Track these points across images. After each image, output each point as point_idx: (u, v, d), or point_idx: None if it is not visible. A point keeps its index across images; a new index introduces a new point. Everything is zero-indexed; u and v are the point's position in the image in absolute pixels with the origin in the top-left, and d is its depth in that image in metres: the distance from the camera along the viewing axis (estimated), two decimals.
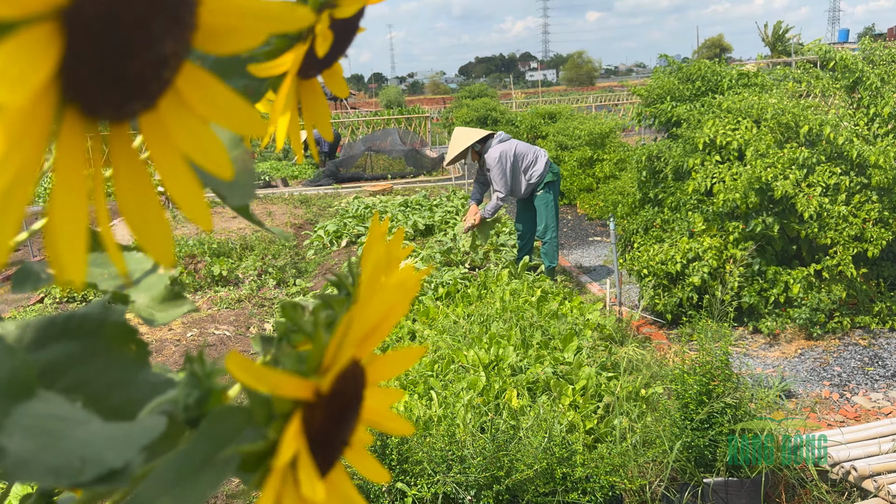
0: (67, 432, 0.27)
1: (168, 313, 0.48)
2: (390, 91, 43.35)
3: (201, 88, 0.29)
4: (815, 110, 5.16)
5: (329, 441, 0.33)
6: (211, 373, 0.34)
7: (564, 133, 10.37)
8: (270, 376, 0.30)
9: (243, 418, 0.31)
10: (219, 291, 6.20)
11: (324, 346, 0.31)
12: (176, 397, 0.33)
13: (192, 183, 0.30)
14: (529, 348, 3.75)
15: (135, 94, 0.27)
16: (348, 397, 0.33)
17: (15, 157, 0.23)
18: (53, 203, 0.25)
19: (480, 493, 2.60)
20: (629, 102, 20.46)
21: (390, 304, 0.34)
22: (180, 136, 0.29)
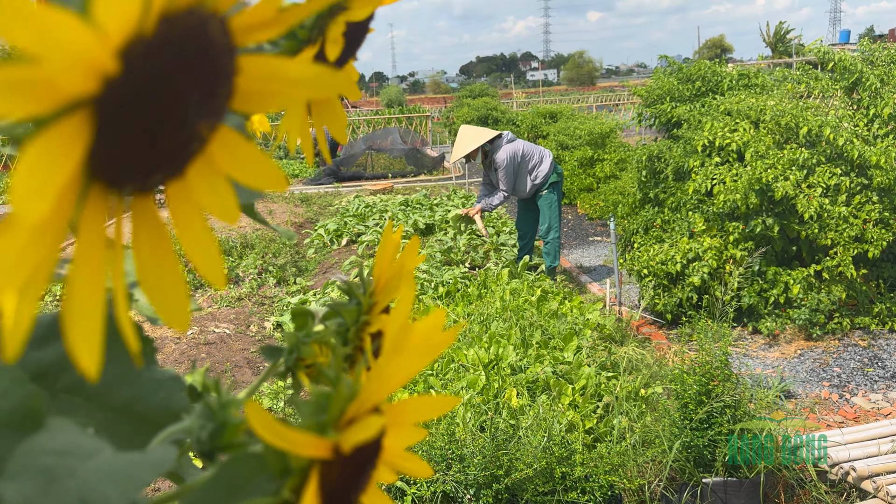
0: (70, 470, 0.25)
1: None
2: (391, 90, 43.35)
3: (230, 150, 0.29)
4: (815, 111, 5.16)
5: (344, 496, 0.32)
6: (226, 405, 0.33)
7: (565, 133, 10.37)
8: (290, 435, 0.29)
9: (257, 466, 0.30)
10: (219, 289, 6.20)
11: (344, 402, 0.30)
12: (190, 427, 0.33)
13: (210, 242, 0.29)
14: (529, 348, 3.75)
15: (163, 168, 0.26)
16: (367, 452, 0.32)
17: (32, 258, 0.23)
18: (72, 289, 0.24)
19: (480, 491, 2.60)
20: (630, 102, 20.46)
21: (415, 364, 0.32)
22: (202, 194, 0.29)
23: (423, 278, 5.42)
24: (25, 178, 0.21)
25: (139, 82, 0.23)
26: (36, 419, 0.27)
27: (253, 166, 0.30)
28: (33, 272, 0.23)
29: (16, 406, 0.27)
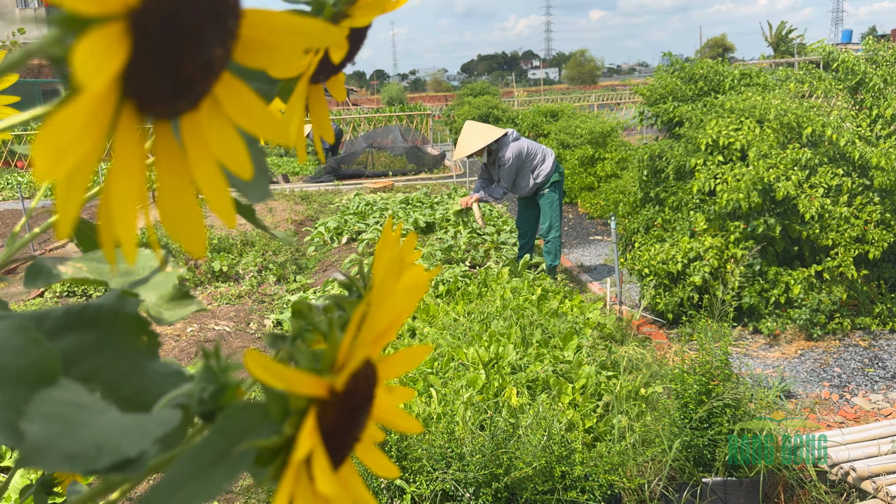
0: (84, 420, 0.28)
1: (176, 312, 0.48)
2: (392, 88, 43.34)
3: (236, 95, 0.32)
4: (817, 111, 5.15)
5: (341, 438, 0.34)
6: (226, 368, 0.34)
7: (566, 131, 10.37)
8: (287, 374, 0.30)
9: (258, 414, 0.32)
10: (219, 287, 6.20)
11: (338, 345, 0.32)
12: (191, 391, 0.34)
13: (222, 182, 0.32)
14: (529, 346, 3.75)
15: (183, 94, 0.29)
16: (361, 395, 0.34)
17: (83, 142, 0.26)
18: (111, 179, 0.28)
19: (479, 490, 2.60)
20: (631, 101, 20.45)
21: (402, 305, 0.35)
22: (213, 138, 0.31)
23: (431, 279, 5.41)
24: (85, 59, 0.25)
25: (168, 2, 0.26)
26: (51, 376, 0.29)
27: (255, 113, 0.32)
28: (82, 159, 0.26)
29: (33, 362, 0.28)
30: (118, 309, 0.41)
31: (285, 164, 15.04)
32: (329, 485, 0.31)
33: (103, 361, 0.39)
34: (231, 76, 0.31)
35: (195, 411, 0.34)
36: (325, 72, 0.43)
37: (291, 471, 0.31)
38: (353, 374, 0.33)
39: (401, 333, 4.35)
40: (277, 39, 0.31)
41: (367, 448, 0.38)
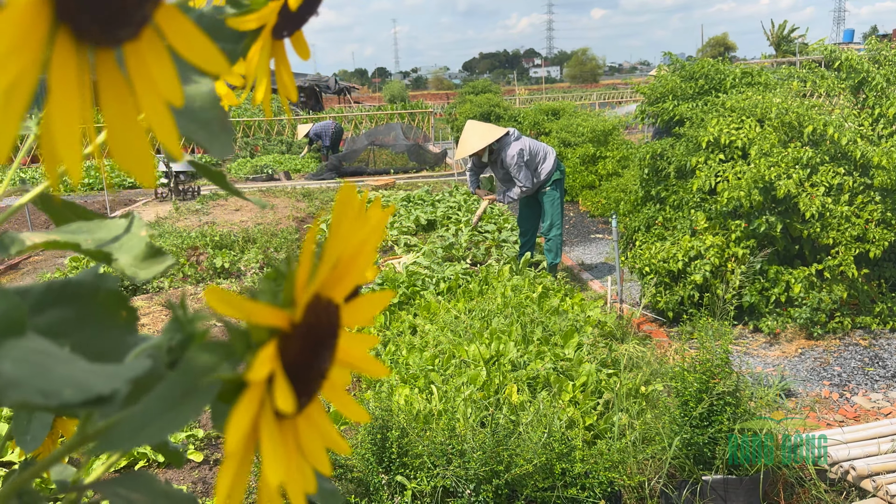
0: (55, 366, 0.29)
1: (150, 269, 0.50)
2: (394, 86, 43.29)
3: (177, 25, 0.32)
4: (819, 110, 5.15)
5: (305, 373, 0.35)
6: (193, 318, 0.36)
7: (568, 130, 10.36)
8: (246, 305, 0.32)
9: (223, 352, 0.33)
10: (221, 284, 6.21)
11: (294, 278, 0.33)
12: (159, 342, 0.35)
13: (167, 113, 0.32)
14: (530, 344, 3.75)
15: (120, 21, 0.29)
16: (323, 332, 0.35)
17: (16, 59, 0.26)
18: (50, 109, 0.28)
19: (480, 486, 2.61)
20: (632, 100, 20.43)
21: (359, 236, 0.36)
22: (156, 68, 0.32)
23: (424, 274, 5.43)
24: None
25: None
26: (19, 328, 0.29)
27: (199, 46, 0.32)
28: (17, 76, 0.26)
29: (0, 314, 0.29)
30: (98, 285, 0.42)
31: (287, 162, 15.03)
32: (288, 402, 0.32)
33: (85, 336, 0.40)
34: (170, 5, 0.32)
35: (164, 361, 0.35)
36: (287, 26, 0.44)
37: (251, 390, 0.32)
38: (313, 309, 0.34)
39: (402, 330, 4.35)
40: None
41: (336, 392, 0.39)
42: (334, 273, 0.36)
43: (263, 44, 0.42)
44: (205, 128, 0.41)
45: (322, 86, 27.15)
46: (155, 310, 5.52)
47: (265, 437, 0.33)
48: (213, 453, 3.49)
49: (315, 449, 0.36)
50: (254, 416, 0.32)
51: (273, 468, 0.32)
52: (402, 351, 3.90)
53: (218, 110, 0.41)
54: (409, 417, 2.94)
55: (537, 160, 5.69)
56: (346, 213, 0.35)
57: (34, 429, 0.60)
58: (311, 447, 0.36)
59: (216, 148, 0.41)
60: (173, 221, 8.63)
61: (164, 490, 0.41)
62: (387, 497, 2.70)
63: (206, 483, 3.26)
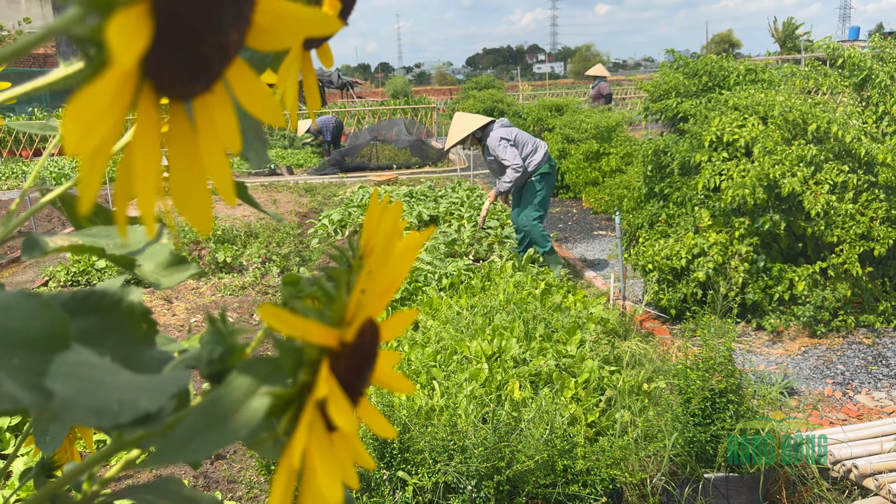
0: (101, 379, 0.29)
1: (173, 277, 0.50)
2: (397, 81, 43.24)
3: (244, 79, 0.33)
4: (823, 107, 5.14)
5: (348, 392, 0.35)
6: (233, 331, 0.36)
7: (571, 126, 10.34)
8: (302, 324, 0.32)
9: (270, 368, 0.33)
10: (223, 278, 6.21)
11: (346, 301, 0.34)
12: (199, 354, 0.36)
13: (226, 163, 0.33)
14: (532, 340, 3.75)
15: (199, 77, 0.30)
16: (366, 351, 0.36)
17: (109, 117, 0.27)
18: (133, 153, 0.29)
19: (481, 483, 2.60)
20: (636, 96, 20.39)
21: (401, 265, 0.37)
22: (220, 120, 0.33)
23: (426, 270, 5.42)
24: (117, 35, 0.26)
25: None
26: (64, 340, 0.29)
27: (260, 99, 0.34)
28: (107, 135, 0.27)
29: (46, 327, 0.29)
30: (121, 296, 0.43)
31: (290, 157, 15.03)
32: (348, 420, 0.33)
33: (106, 347, 0.41)
34: (240, 60, 0.33)
35: (204, 373, 0.36)
36: (316, 40, 0.46)
37: (308, 412, 0.32)
38: (360, 330, 0.35)
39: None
40: (283, 26, 0.33)
41: (367, 409, 0.39)
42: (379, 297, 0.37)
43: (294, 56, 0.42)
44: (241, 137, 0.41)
45: (325, 81, 27.12)
46: (157, 304, 5.52)
47: (317, 455, 0.33)
48: None
49: (346, 464, 0.37)
50: (307, 442, 0.33)
51: (328, 482, 0.33)
52: (403, 347, 3.90)
53: (253, 120, 0.42)
54: (411, 413, 2.94)
55: (526, 151, 5.66)
56: (394, 238, 0.36)
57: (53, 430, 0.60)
58: (343, 463, 0.37)
59: (253, 158, 0.42)
60: (175, 216, 8.62)
61: (191, 495, 0.42)
62: (388, 492, 2.70)
63: (208, 477, 3.27)
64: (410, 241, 0.38)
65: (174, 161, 0.32)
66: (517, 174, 5.58)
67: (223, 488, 3.19)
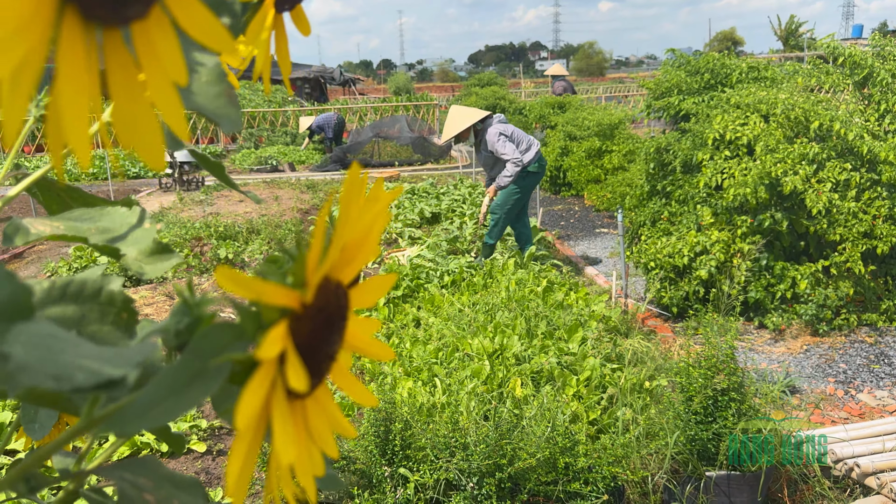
0: (64, 348, 0.28)
1: (157, 266, 0.49)
2: (399, 78, 43.19)
3: (184, 3, 0.31)
4: (826, 104, 5.12)
5: (315, 354, 0.35)
6: (200, 302, 0.36)
7: (573, 123, 10.32)
8: (258, 285, 0.31)
9: (232, 333, 0.32)
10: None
11: (305, 259, 0.33)
12: (167, 325, 0.35)
13: (174, 94, 0.32)
14: (534, 338, 3.75)
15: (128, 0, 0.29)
16: (332, 314, 0.35)
17: (24, 39, 0.26)
18: (58, 89, 0.28)
19: (483, 480, 2.60)
20: (639, 94, 20.36)
21: (366, 219, 0.36)
22: (163, 48, 0.31)
23: (428, 267, 5.42)
24: None
25: None
26: (26, 311, 0.29)
27: (206, 24, 0.32)
28: (24, 57, 0.26)
29: (8, 297, 0.29)
30: (101, 285, 0.43)
31: (291, 153, 15.02)
32: (301, 381, 0.31)
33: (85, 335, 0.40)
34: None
35: (171, 345, 0.35)
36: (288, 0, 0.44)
37: (262, 369, 0.31)
38: (324, 291, 0.34)
39: (405, 323, 4.35)
40: None
41: (343, 375, 0.38)
42: (343, 256, 0.36)
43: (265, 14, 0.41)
44: (212, 102, 0.40)
45: (327, 77, 27.10)
46: (159, 300, 5.53)
47: (276, 416, 0.32)
48: (217, 444, 3.50)
49: (323, 432, 0.36)
50: (265, 394, 0.32)
51: (285, 448, 0.32)
52: (405, 343, 3.90)
53: (225, 85, 0.41)
54: (413, 410, 2.94)
55: (522, 147, 5.63)
56: (355, 194, 0.35)
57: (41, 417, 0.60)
58: (319, 430, 0.36)
59: (225, 122, 0.41)
60: (177, 212, 8.63)
61: (168, 474, 0.42)
62: (389, 489, 2.70)
63: (210, 473, 3.27)
64: (377, 192, 0.36)
65: (116, 93, 0.30)
66: (517, 168, 5.52)
67: (224, 484, 3.20)
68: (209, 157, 0.54)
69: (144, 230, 0.50)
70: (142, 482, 0.38)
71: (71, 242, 0.49)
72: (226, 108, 0.41)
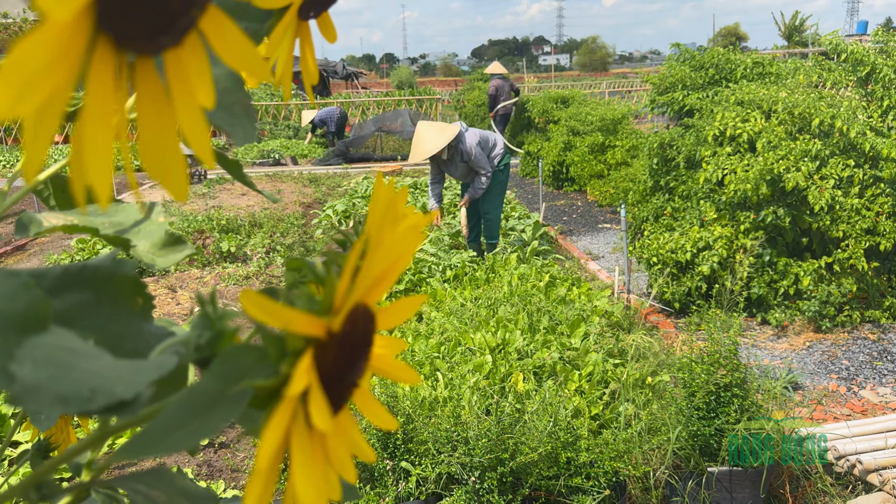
0: (77, 364, 0.28)
1: (168, 258, 0.49)
2: (402, 72, 43.11)
3: (221, 31, 0.31)
4: (829, 100, 5.11)
5: (339, 382, 0.34)
6: (223, 315, 0.35)
7: (577, 118, 10.31)
8: (284, 313, 0.30)
9: (255, 357, 0.31)
10: (227, 268, 6.21)
11: (335, 286, 0.32)
12: (187, 338, 0.34)
13: (203, 122, 0.31)
14: (536, 333, 3.74)
15: (165, 29, 0.28)
16: (358, 340, 0.34)
17: (51, 76, 0.24)
18: (84, 119, 0.26)
19: (484, 474, 2.60)
20: (642, 89, 20.32)
21: (399, 248, 0.35)
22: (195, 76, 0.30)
23: (430, 261, 5.42)
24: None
25: None
26: (42, 322, 0.28)
27: (242, 51, 0.31)
28: (51, 94, 0.25)
29: (23, 308, 0.28)
30: (115, 270, 0.42)
31: (294, 147, 15.01)
32: (324, 420, 0.30)
33: (100, 321, 0.40)
34: (215, 9, 0.30)
35: (191, 359, 0.34)
36: (315, 6, 0.43)
37: (286, 405, 0.30)
38: (351, 318, 0.33)
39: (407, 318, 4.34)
40: None
41: (364, 398, 0.38)
42: (373, 283, 0.34)
43: (289, 23, 0.40)
44: (227, 111, 0.39)
45: (329, 71, 27.08)
46: (161, 292, 5.53)
47: (297, 451, 0.31)
48: (218, 436, 3.50)
49: (342, 457, 0.35)
50: (287, 429, 0.31)
51: (304, 485, 0.31)
52: (407, 338, 3.90)
53: (241, 94, 0.40)
54: (415, 404, 2.94)
55: (490, 146, 5.61)
56: (389, 219, 0.34)
57: None
58: (338, 455, 0.35)
59: (238, 133, 0.40)
60: (180, 205, 8.63)
61: (183, 487, 0.41)
62: (391, 483, 2.71)
63: (211, 466, 3.27)
64: (411, 221, 0.35)
65: (144, 123, 0.29)
66: (489, 180, 5.56)
67: (227, 477, 3.20)
68: (226, 156, 0.54)
69: (157, 224, 0.50)
70: (155, 495, 0.38)
71: (82, 234, 0.49)
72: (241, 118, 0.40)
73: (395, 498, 2.68)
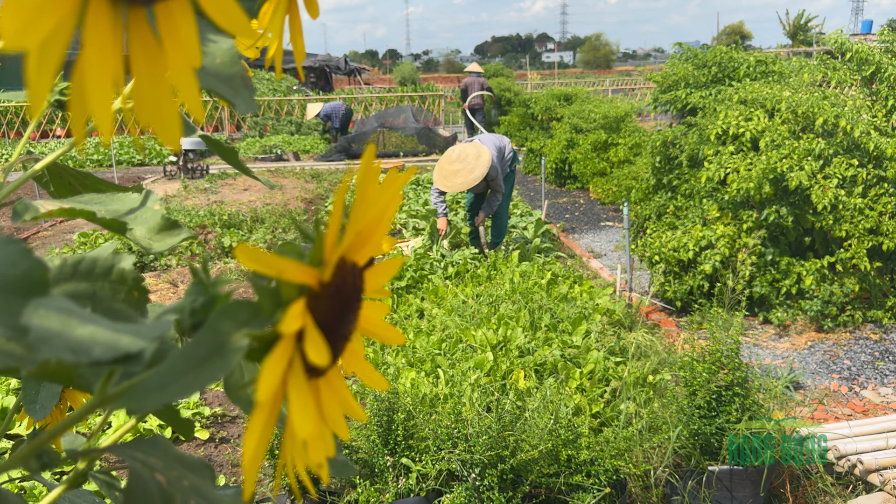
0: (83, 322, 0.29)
1: (165, 241, 0.50)
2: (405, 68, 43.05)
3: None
4: (833, 99, 5.09)
5: (331, 333, 0.35)
6: (215, 281, 0.36)
7: (579, 116, 10.29)
8: (277, 262, 0.32)
9: (250, 311, 0.33)
10: (228, 263, 6.21)
11: (323, 239, 0.34)
12: (181, 304, 0.36)
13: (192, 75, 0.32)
14: (538, 330, 3.74)
15: None
16: (348, 294, 0.36)
17: (52, 12, 0.26)
18: (84, 60, 0.28)
19: (485, 471, 2.60)
20: (646, 87, 20.29)
21: (382, 199, 0.36)
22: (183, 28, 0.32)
23: (432, 258, 5.41)
24: None
25: None
26: (43, 286, 0.29)
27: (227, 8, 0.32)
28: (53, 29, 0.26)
29: (24, 273, 0.29)
30: (113, 263, 0.43)
31: (296, 142, 15.01)
32: (321, 355, 0.32)
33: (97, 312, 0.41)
34: None
35: (186, 323, 0.36)
36: None
37: (282, 344, 0.32)
38: (340, 271, 0.34)
39: (409, 314, 4.35)
40: None
41: (356, 360, 0.39)
42: (358, 238, 0.36)
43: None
44: (227, 83, 0.41)
45: (332, 66, 27.04)
46: (163, 287, 5.53)
47: (293, 392, 0.33)
48: (219, 431, 3.51)
49: (334, 413, 0.37)
50: (284, 368, 0.32)
51: (301, 422, 0.33)
52: (409, 334, 3.90)
53: (239, 67, 0.41)
54: (416, 400, 2.94)
55: (501, 153, 5.55)
56: (371, 178, 0.35)
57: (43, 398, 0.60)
58: (330, 411, 0.37)
59: (240, 103, 0.41)
60: (182, 199, 8.63)
61: (179, 455, 0.42)
62: (391, 479, 2.71)
63: (212, 460, 3.28)
64: (391, 176, 0.37)
65: (138, 71, 0.31)
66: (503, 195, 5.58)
67: (227, 472, 3.21)
68: (222, 144, 0.54)
69: (153, 211, 0.51)
70: (153, 462, 0.39)
71: (78, 218, 0.49)
72: (241, 90, 0.41)
73: (396, 494, 2.68)
